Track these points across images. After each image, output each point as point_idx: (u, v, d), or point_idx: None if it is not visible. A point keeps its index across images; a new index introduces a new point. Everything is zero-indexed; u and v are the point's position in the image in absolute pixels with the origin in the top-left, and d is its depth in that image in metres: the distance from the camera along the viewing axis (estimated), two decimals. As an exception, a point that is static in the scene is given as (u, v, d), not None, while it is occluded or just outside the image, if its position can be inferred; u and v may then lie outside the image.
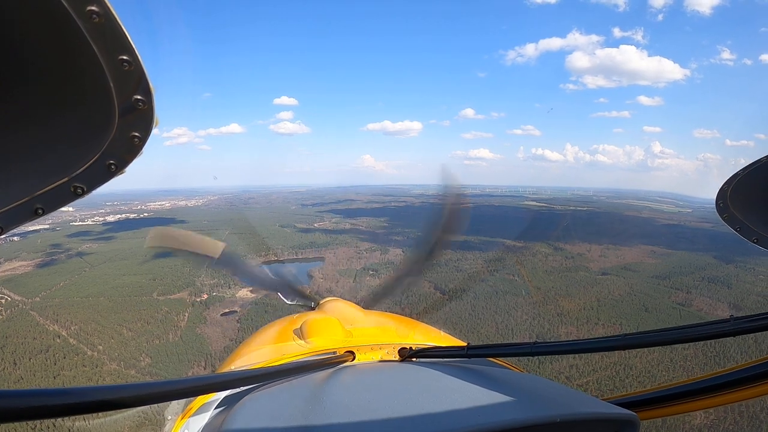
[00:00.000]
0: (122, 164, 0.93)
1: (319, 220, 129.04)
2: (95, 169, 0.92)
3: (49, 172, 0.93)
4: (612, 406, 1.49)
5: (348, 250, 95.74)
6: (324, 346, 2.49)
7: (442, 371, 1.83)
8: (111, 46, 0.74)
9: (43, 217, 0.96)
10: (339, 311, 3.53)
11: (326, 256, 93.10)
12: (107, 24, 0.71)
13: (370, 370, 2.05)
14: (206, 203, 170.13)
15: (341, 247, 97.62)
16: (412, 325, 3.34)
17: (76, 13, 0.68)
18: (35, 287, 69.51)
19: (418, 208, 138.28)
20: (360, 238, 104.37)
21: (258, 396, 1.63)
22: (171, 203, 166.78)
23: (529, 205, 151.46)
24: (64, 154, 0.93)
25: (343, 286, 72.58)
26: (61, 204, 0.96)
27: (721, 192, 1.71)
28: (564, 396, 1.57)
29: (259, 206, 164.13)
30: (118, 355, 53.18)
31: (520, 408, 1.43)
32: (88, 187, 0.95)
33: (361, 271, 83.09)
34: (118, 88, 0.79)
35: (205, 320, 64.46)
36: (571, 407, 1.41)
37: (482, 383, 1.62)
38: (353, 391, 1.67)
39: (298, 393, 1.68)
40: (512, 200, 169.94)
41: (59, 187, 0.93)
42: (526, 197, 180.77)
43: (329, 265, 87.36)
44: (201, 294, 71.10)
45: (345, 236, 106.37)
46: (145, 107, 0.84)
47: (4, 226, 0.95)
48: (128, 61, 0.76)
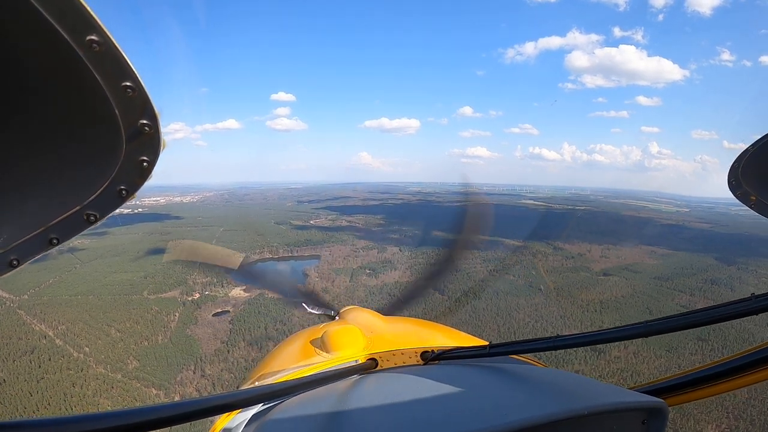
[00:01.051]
0: (133, 189, 0.94)
1: (315, 217, 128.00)
2: (107, 195, 0.93)
3: (62, 201, 0.94)
4: (639, 395, 1.49)
5: (344, 248, 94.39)
6: (346, 355, 2.51)
7: (466, 372, 1.89)
8: (113, 73, 0.75)
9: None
10: (359, 319, 3.41)
11: (322, 254, 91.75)
12: (108, 52, 0.72)
13: (394, 377, 2.06)
14: (202, 199, 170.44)
15: (337, 245, 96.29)
16: (432, 328, 3.35)
17: (76, 43, 0.69)
18: (24, 284, 67.54)
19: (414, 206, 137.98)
20: (356, 235, 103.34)
21: (284, 409, 1.66)
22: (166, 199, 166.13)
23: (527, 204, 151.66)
24: (75, 183, 0.93)
25: (339, 286, 71.78)
26: (75, 233, 0.97)
27: (732, 169, 1.68)
28: (590, 388, 1.57)
29: (255, 203, 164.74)
30: (104, 358, 51.52)
31: (546, 403, 1.44)
32: (101, 214, 0.95)
33: (357, 270, 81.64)
34: (123, 114, 0.80)
35: (196, 321, 62.95)
36: (598, 399, 1.40)
37: (507, 381, 1.66)
38: (378, 399, 1.69)
39: (323, 404, 1.69)
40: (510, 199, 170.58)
41: (72, 215, 0.94)
42: (524, 196, 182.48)
43: (325, 264, 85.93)
44: (193, 293, 69.54)
45: (341, 234, 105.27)
46: (152, 131, 0.85)
47: (20, 258, 0.97)
48: (132, 87, 0.77)
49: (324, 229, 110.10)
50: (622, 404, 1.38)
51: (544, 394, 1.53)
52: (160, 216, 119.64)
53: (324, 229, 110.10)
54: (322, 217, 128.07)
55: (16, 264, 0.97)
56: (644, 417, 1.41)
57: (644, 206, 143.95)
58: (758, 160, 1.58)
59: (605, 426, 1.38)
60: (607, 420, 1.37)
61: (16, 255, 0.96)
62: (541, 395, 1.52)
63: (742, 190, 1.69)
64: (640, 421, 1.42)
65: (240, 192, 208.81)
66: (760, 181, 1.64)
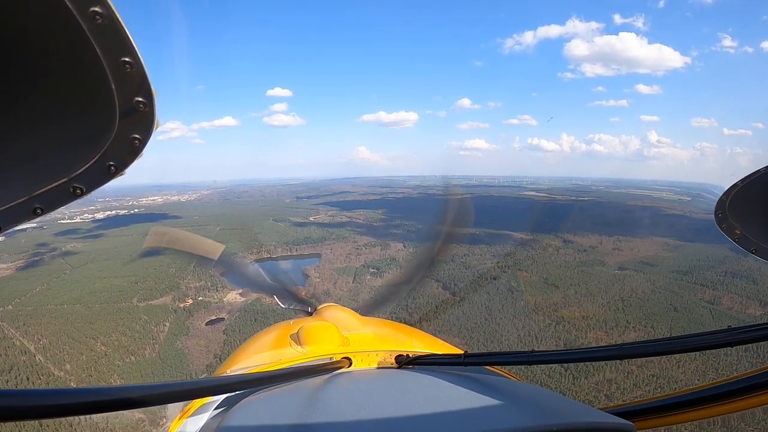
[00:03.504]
0: (122, 166, 0.93)
1: (315, 213, 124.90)
2: (95, 170, 0.93)
3: (50, 172, 0.93)
4: (609, 416, 1.51)
5: (346, 246, 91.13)
6: (321, 351, 2.49)
7: (439, 378, 1.87)
8: (113, 47, 0.74)
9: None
10: (336, 317, 3.35)
11: (323, 252, 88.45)
12: (110, 25, 0.71)
13: (367, 377, 2.06)
14: (199, 198, 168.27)
15: (338, 242, 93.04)
16: (409, 332, 3.32)
17: (79, 13, 0.68)
18: (10, 293, 64.45)
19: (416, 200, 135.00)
20: (358, 231, 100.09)
21: (254, 400, 1.67)
22: (163, 198, 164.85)
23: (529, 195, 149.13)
24: (65, 155, 0.93)
25: (341, 288, 68.68)
26: (60, 204, 0.96)
27: (719, 203, 1.72)
28: (561, 405, 1.59)
29: (253, 200, 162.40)
30: (86, 377, 47.80)
31: (516, 417, 1.46)
32: (88, 188, 0.95)
33: (361, 269, 78.36)
34: (119, 89, 0.79)
35: (188, 331, 59.48)
36: (568, 416, 1.42)
37: (478, 391, 1.66)
38: (349, 397, 1.73)
39: (294, 398, 1.71)
40: (511, 191, 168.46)
41: (59, 187, 0.93)
42: (525, 188, 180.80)
43: (326, 263, 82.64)
44: (185, 299, 66.09)
45: (342, 230, 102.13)
46: (146, 109, 0.84)
47: (3, 225, 0.95)
48: (130, 63, 0.76)
49: (324, 226, 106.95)
50: (592, 424, 1.38)
51: (515, 408, 1.54)
52: (156, 216, 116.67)
53: (324, 226, 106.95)
54: (321, 213, 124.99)
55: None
56: None
57: (646, 195, 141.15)
58: (746, 195, 1.60)
59: None
60: None
61: None
62: (513, 408, 1.53)
63: (728, 223, 1.69)
64: None
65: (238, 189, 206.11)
66: (746, 216, 1.65)
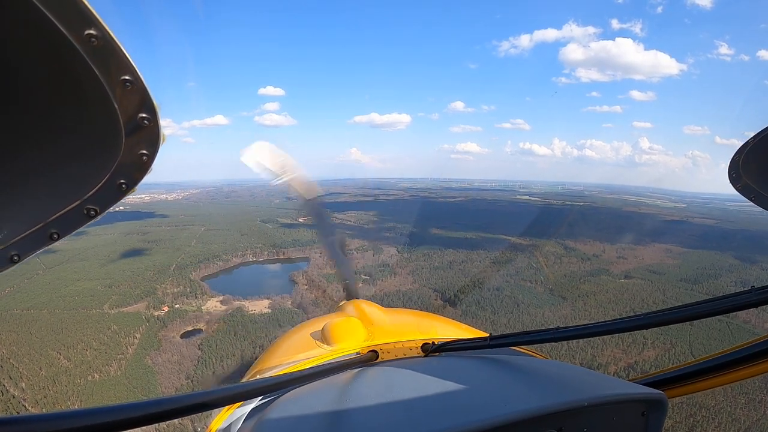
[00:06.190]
0: (132, 183, 0.93)
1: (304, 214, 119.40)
2: (106, 189, 0.93)
3: (62, 196, 0.94)
4: (639, 387, 1.50)
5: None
6: (347, 347, 2.49)
7: (467, 363, 1.90)
8: (112, 67, 0.75)
9: None
10: (359, 311, 3.30)
11: (311, 255, 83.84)
12: (106, 46, 0.72)
13: (395, 368, 2.06)
14: (187, 197, 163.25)
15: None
16: (433, 320, 3.30)
17: (75, 37, 0.69)
18: (-25, 296, 59.29)
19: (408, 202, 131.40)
20: (349, 234, 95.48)
21: (285, 402, 1.66)
22: (150, 197, 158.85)
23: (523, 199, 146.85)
24: (75, 177, 0.93)
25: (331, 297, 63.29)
26: (75, 227, 0.96)
27: (732, 163, 1.66)
28: (590, 380, 1.59)
29: (241, 200, 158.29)
30: (42, 398, 42.85)
31: (547, 394, 1.46)
32: (101, 208, 0.95)
33: (352, 276, 73.71)
34: (122, 108, 0.80)
35: (160, 344, 54.69)
36: (598, 390, 1.41)
37: (507, 372, 1.68)
38: (379, 391, 1.71)
39: (324, 396, 1.70)
40: (504, 195, 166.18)
41: (73, 210, 0.94)
42: (517, 192, 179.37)
43: (315, 268, 77.95)
44: (161, 306, 61.52)
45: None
46: (151, 124, 0.85)
47: (21, 253, 0.96)
48: (130, 81, 0.77)
49: (314, 228, 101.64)
50: (623, 396, 1.39)
51: (544, 386, 1.55)
52: (142, 214, 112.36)
53: (314, 228, 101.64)
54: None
55: (17, 259, 0.97)
56: (644, 409, 1.42)
57: (642, 202, 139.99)
58: (760, 152, 1.55)
59: (605, 417, 1.38)
60: (608, 411, 1.38)
61: (16, 250, 0.95)
62: (542, 386, 1.54)
63: (743, 182, 1.66)
64: (640, 412, 1.43)
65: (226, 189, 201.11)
66: (762, 174, 1.61)
